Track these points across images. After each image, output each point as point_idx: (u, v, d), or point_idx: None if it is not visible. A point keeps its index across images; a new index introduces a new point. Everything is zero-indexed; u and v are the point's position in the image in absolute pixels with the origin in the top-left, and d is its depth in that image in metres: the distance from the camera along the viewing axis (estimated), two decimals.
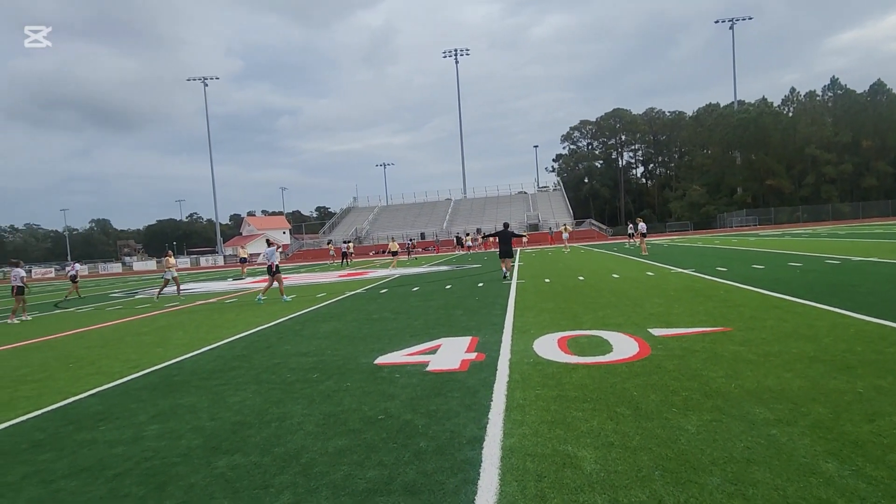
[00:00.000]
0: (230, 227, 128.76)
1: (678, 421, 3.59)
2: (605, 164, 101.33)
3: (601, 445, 3.28)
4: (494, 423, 3.79)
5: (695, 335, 6.14)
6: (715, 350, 5.38)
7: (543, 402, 4.19)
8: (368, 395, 4.76)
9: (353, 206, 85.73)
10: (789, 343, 5.45)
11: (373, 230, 72.45)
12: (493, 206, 76.25)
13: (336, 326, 8.97)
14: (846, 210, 65.76)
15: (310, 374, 5.70)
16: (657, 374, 4.71)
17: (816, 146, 70.59)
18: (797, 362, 4.76)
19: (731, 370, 4.66)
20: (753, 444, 3.14)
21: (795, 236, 29.37)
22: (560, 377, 4.83)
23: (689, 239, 38.91)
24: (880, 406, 3.58)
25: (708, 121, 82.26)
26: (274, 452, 3.57)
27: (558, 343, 6.27)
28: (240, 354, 7.17)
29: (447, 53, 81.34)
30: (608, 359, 5.36)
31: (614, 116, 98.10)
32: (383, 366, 5.85)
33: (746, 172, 75.08)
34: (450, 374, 5.27)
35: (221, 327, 9.95)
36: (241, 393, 5.17)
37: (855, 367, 4.46)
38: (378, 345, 7.06)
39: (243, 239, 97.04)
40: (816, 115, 74.39)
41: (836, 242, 21.58)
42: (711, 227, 68.39)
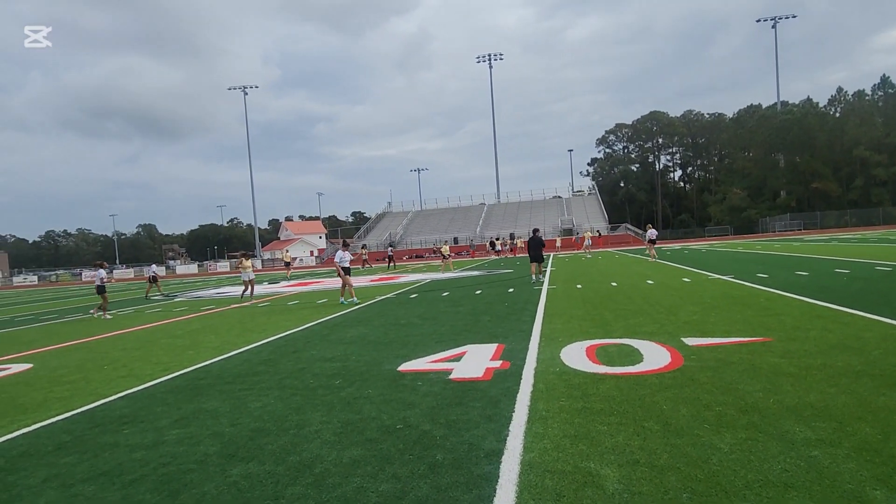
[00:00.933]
0: (268, 231, 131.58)
1: (710, 438, 3.38)
2: (642, 168, 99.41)
3: (626, 463, 3.11)
4: (515, 436, 3.65)
5: (731, 345, 5.86)
6: (753, 362, 5.10)
7: (567, 414, 4.02)
8: (389, 403, 4.68)
9: (387, 211, 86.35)
10: (834, 356, 5.13)
11: (407, 235, 72.80)
12: (527, 211, 75.64)
13: (363, 331, 8.95)
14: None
15: (332, 381, 5.66)
16: (689, 386, 4.49)
17: (866, 147, 67.59)
18: (842, 377, 4.46)
19: (769, 384, 4.39)
20: (792, 467, 2.91)
21: (843, 241, 28.10)
22: (586, 388, 4.65)
23: (728, 244, 37.72)
24: None
25: (749, 122, 79.77)
26: (288, 461, 3.51)
27: (586, 352, 6.08)
28: (266, 359, 7.21)
29: (481, 59, 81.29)
30: (638, 369, 5.14)
31: (651, 119, 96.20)
32: (406, 373, 5.77)
33: (790, 175, 72.50)
34: (472, 382, 5.15)
35: (252, 331, 10.06)
36: (263, 398, 5.16)
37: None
38: (403, 351, 6.99)
39: (281, 243, 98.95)
40: (866, 116, 71.22)
41: (887, 248, 20.53)
42: (753, 232, 66.21)
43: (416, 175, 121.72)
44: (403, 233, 73.96)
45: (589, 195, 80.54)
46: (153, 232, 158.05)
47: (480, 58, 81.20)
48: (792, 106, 74.81)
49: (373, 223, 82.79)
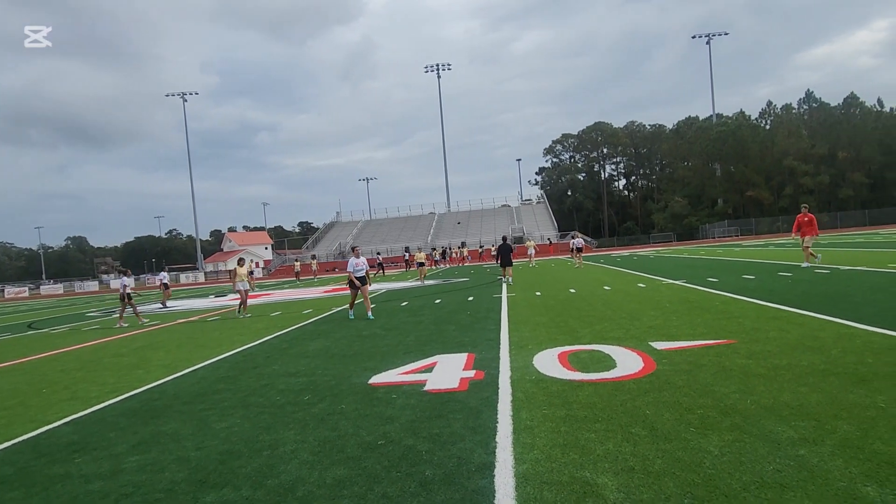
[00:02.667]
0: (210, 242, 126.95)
1: (699, 442, 3.38)
2: (588, 177, 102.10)
3: (621, 471, 3.07)
4: (504, 448, 3.55)
5: (699, 348, 5.98)
6: (723, 364, 5.21)
7: (552, 422, 3.96)
8: (365, 418, 4.49)
9: (336, 221, 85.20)
10: (797, 355, 5.30)
11: (357, 244, 71.98)
12: (478, 220, 76.28)
13: (325, 344, 8.67)
14: (824, 220, 66.49)
15: (301, 397, 5.41)
16: (667, 390, 4.52)
17: (794, 158, 71.81)
18: (809, 376, 4.60)
19: (743, 385, 4.48)
20: (783, 467, 2.94)
21: (779, 246, 29.65)
22: (566, 395, 4.62)
23: (674, 250, 39.14)
24: None
25: (688, 134, 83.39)
26: (267, 485, 3.29)
27: (559, 359, 6.06)
28: (225, 376, 6.85)
29: (429, 68, 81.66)
30: (613, 375, 5.16)
31: (596, 129, 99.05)
32: (378, 386, 5.59)
33: (727, 184, 76.10)
34: (449, 394, 5.02)
35: (205, 347, 9.58)
36: (228, 418, 4.86)
37: (870, 380, 4.31)
38: (371, 363, 6.79)
39: (225, 255, 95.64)
40: (793, 128, 75.77)
41: (820, 252, 21.77)
42: (694, 238, 69.03)
43: (364, 184, 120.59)
44: (353, 242, 73.06)
45: (538, 204, 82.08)
46: (84, 245, 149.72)
47: (428, 67, 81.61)
48: (726, 118, 78.74)
49: (321, 233, 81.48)
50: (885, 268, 12.99)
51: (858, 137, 70.97)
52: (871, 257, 16.63)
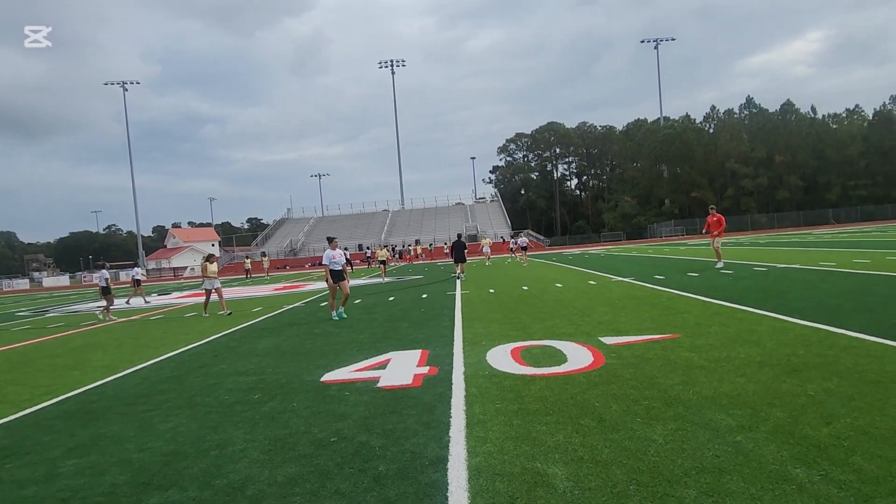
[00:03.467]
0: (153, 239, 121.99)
1: (644, 431, 3.51)
2: (541, 176, 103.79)
3: (571, 461, 3.14)
4: (457, 442, 3.58)
5: (646, 343, 6.19)
6: (668, 357, 5.41)
7: (505, 416, 4.02)
8: (317, 415, 4.43)
9: (287, 218, 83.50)
10: (736, 348, 5.56)
11: (309, 242, 70.76)
12: (432, 218, 76.36)
13: (276, 342, 8.50)
14: (763, 221, 70.28)
15: (250, 395, 5.29)
16: (615, 383, 4.66)
17: (735, 161, 75.20)
18: (747, 367, 4.84)
19: (686, 377, 4.67)
20: (722, 453, 3.09)
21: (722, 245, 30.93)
22: (518, 390, 4.69)
23: (623, 248, 40.30)
24: (833, 408, 3.64)
25: (637, 135, 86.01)
26: (215, 485, 3.20)
27: (511, 354, 6.15)
28: (170, 376, 6.61)
29: (383, 64, 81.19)
30: (564, 369, 5.27)
31: (549, 130, 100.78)
32: (331, 383, 5.52)
33: (673, 185, 78.93)
34: (403, 390, 5.02)
35: (147, 347, 9.23)
36: (172, 419, 4.70)
37: (801, 371, 4.57)
38: (323, 361, 6.70)
39: (168, 251, 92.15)
40: (735, 132, 79.33)
41: (759, 251, 22.89)
42: (643, 237, 71.27)
43: (316, 181, 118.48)
44: (305, 240, 71.84)
45: (492, 202, 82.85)
46: (12, 240, 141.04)
47: (382, 63, 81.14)
48: (673, 121, 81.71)
49: (272, 230, 79.71)
50: (816, 265, 13.77)
51: (794, 142, 74.98)
52: (805, 256, 17.61)
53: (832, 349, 5.20)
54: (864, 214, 67.08)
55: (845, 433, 3.21)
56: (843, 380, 4.22)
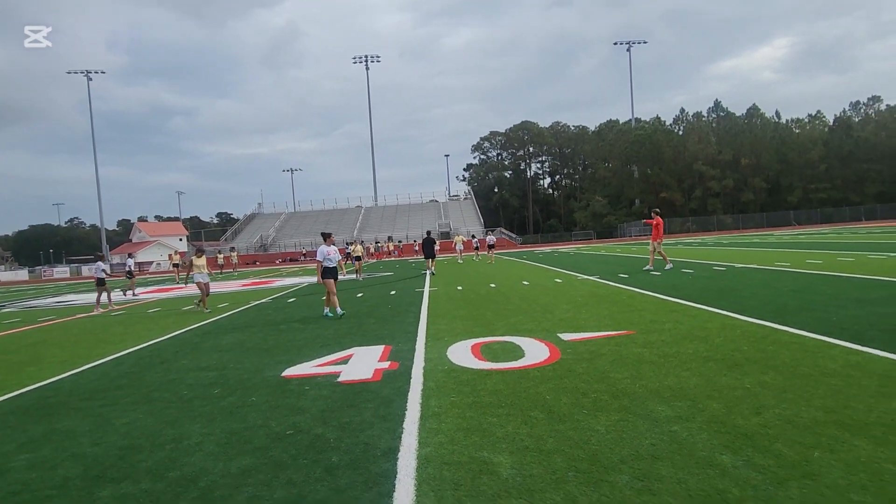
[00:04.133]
0: (118, 233, 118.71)
1: (589, 422, 3.67)
2: (515, 175, 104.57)
3: (517, 450, 3.28)
4: (410, 433, 3.69)
5: (601, 339, 6.39)
6: (620, 353, 5.62)
7: (459, 409, 4.15)
8: (276, 409, 4.49)
9: (258, 212, 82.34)
10: (685, 344, 5.80)
11: (280, 237, 69.98)
12: (405, 214, 76.26)
13: (239, 338, 8.48)
14: (729, 221, 72.17)
15: (210, 390, 5.31)
16: (568, 377, 4.83)
17: (703, 163, 76.97)
18: (692, 362, 5.06)
19: (635, 371, 4.87)
20: (658, 441, 3.27)
21: (687, 245, 31.75)
22: (475, 384, 4.82)
23: (593, 247, 40.97)
24: (765, 400, 3.87)
25: (608, 136, 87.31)
26: (168, 477, 3.24)
27: (472, 350, 6.29)
28: (128, 372, 6.57)
29: (358, 59, 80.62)
30: (521, 364, 5.43)
31: (522, 129, 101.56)
32: (291, 378, 5.57)
33: (643, 185, 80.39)
34: (363, 384, 5.11)
35: (107, 342, 9.10)
36: (129, 414, 4.70)
37: (742, 365, 4.82)
38: (286, 357, 6.74)
39: (133, 246, 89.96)
40: (703, 135, 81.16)
41: (721, 251, 23.57)
42: (613, 237, 72.40)
43: (288, 175, 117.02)
44: (276, 235, 71.00)
45: (465, 200, 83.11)
46: None
47: (357, 59, 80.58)
48: (644, 123, 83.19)
49: (242, 224, 78.49)
50: (772, 265, 14.30)
51: (759, 146, 77.11)
52: (763, 256, 18.22)
53: (773, 345, 5.47)
54: (823, 216, 69.47)
55: (772, 423, 3.43)
56: (778, 373, 4.47)
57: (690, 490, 2.64)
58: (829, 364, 4.63)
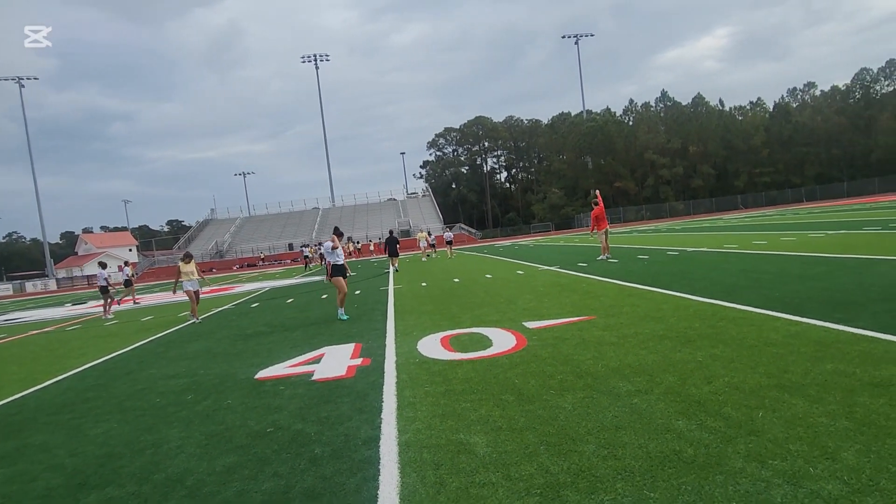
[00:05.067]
0: (62, 246, 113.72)
1: (556, 401, 3.91)
2: (471, 170, 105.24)
3: (491, 430, 3.49)
4: (388, 423, 3.85)
5: (564, 325, 6.68)
6: (583, 336, 5.91)
7: (433, 397, 4.33)
8: (253, 409, 4.57)
9: (211, 218, 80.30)
10: (643, 325, 6.14)
11: (235, 243, 68.52)
12: (364, 214, 75.83)
13: (206, 345, 8.43)
14: (680, 208, 74.74)
15: (183, 397, 5.32)
16: (535, 362, 5.07)
17: (653, 152, 79.41)
18: (650, 341, 5.39)
19: (597, 353, 5.15)
20: (620, 413, 3.53)
21: (642, 233, 32.83)
22: (446, 373, 5.01)
23: (552, 239, 41.79)
24: (715, 370, 4.19)
25: (561, 128, 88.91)
26: (153, 480, 3.31)
27: (441, 342, 6.48)
28: (95, 384, 6.48)
29: (306, 58, 79.33)
30: (489, 353, 5.65)
31: (477, 124, 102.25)
32: (265, 380, 5.64)
33: (597, 176, 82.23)
34: (337, 381, 5.23)
35: (66, 357, 8.88)
36: (103, 424, 4.69)
37: (695, 341, 5.16)
38: (256, 360, 6.77)
39: (80, 259, 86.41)
40: (652, 124, 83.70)
41: (673, 236, 24.49)
42: (571, 227, 73.96)
43: (241, 179, 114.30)
44: (231, 241, 69.47)
45: (423, 197, 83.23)
46: None
47: (305, 58, 79.26)
48: (595, 114, 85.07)
49: (195, 231, 76.38)
50: (721, 248, 15.02)
51: (705, 133, 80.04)
52: (713, 240, 19.06)
53: (722, 321, 5.86)
54: (768, 199, 72.72)
55: (722, 390, 3.74)
56: (727, 346, 4.83)
57: (650, 453, 2.90)
58: (771, 335, 5.02)
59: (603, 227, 15.52)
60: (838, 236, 14.99)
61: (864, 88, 79.02)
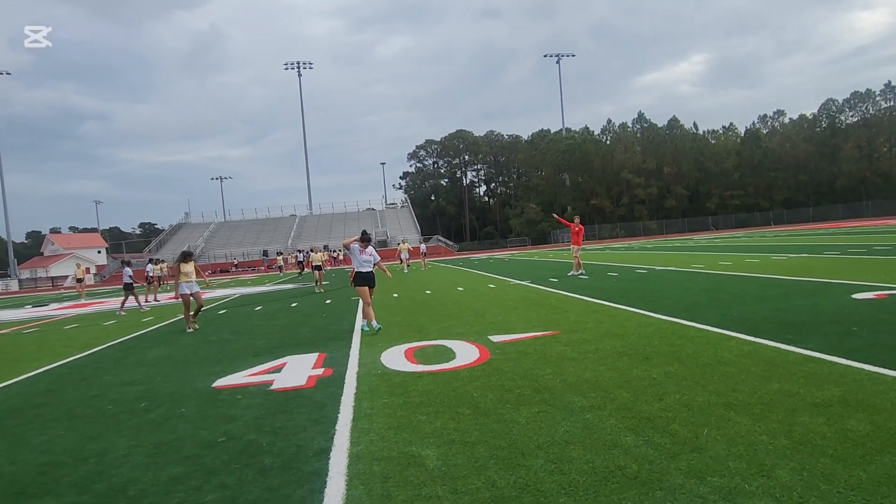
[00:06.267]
0: (27, 246, 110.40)
1: (511, 415, 3.93)
2: (451, 183, 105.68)
3: (443, 443, 3.49)
4: (341, 434, 3.82)
5: (528, 339, 6.73)
6: (545, 351, 5.95)
7: (390, 409, 4.31)
8: (206, 419, 4.49)
9: (184, 222, 78.97)
10: (604, 341, 6.22)
11: (209, 248, 67.45)
12: (341, 223, 75.39)
13: (167, 351, 8.26)
14: (654, 227, 76.12)
15: (136, 404, 5.20)
16: (495, 375, 5.10)
17: (629, 171, 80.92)
18: (609, 357, 5.46)
19: (557, 368, 5.20)
20: (571, 429, 3.56)
21: (615, 250, 33.27)
22: (406, 385, 5.00)
23: (528, 253, 42.08)
24: (668, 388, 4.27)
25: (541, 145, 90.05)
26: (95, 489, 3.22)
27: (405, 354, 6.46)
28: (46, 389, 6.29)
29: (289, 65, 79.16)
30: (451, 365, 5.66)
31: (458, 137, 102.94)
32: (223, 388, 5.54)
33: (574, 193, 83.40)
34: (296, 391, 5.17)
35: (19, 361, 8.61)
36: (48, 431, 4.55)
37: (652, 358, 5.25)
38: (217, 368, 6.65)
39: (46, 259, 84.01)
40: (628, 144, 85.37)
41: (644, 255, 24.90)
42: (547, 243, 74.61)
43: (217, 184, 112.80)
44: (205, 245, 68.37)
45: (402, 208, 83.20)
46: None
47: (289, 65, 79.11)
48: (574, 132, 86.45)
49: (167, 235, 74.98)
50: (688, 268, 15.32)
51: (679, 155, 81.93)
52: (681, 259, 19.44)
53: (681, 339, 5.97)
54: (738, 221, 74.51)
55: (672, 407, 3.81)
56: (682, 364, 4.92)
57: (596, 468, 2.94)
58: (725, 354, 5.14)
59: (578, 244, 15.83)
60: (799, 259, 15.43)
61: (831, 118, 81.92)
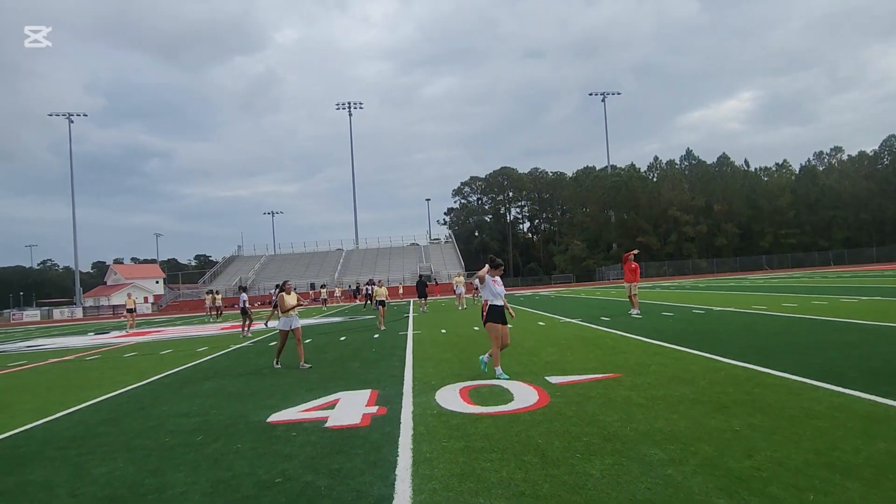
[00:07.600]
0: (92, 275, 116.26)
1: (583, 466, 3.66)
2: (495, 219, 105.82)
3: (512, 496, 3.24)
4: (403, 480, 3.62)
5: (589, 382, 6.41)
6: (609, 395, 5.63)
7: (451, 454, 4.10)
8: (262, 456, 4.38)
9: (237, 255, 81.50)
10: (672, 387, 5.84)
11: (259, 280, 69.15)
12: (386, 257, 76.20)
13: (221, 383, 8.29)
14: (703, 265, 73.60)
15: (193, 437, 5.16)
16: (558, 420, 4.82)
17: (677, 208, 79.08)
18: (680, 404, 5.10)
19: (624, 414, 4.88)
20: (653, 485, 3.26)
21: (665, 289, 32.19)
22: (465, 428, 4.78)
23: (573, 290, 41.26)
24: (755, 442, 3.90)
25: (586, 182, 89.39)
26: None
27: (460, 394, 6.24)
28: (106, 418, 6.35)
29: (341, 106, 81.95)
30: (511, 408, 5.40)
31: (502, 174, 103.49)
32: (277, 424, 5.45)
33: (620, 230, 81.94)
34: (351, 429, 5.02)
35: (82, 388, 8.81)
36: (108, 463, 4.53)
37: (729, 407, 4.86)
38: (271, 401, 6.60)
39: (108, 289, 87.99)
40: (676, 181, 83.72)
41: (698, 294, 23.94)
42: (592, 280, 73.12)
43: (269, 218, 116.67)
44: (256, 277, 70.15)
45: (446, 243, 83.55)
46: None
47: (340, 105, 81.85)
48: (619, 169, 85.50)
49: (221, 267, 77.43)
50: (749, 309, 14.56)
51: (730, 192, 79.65)
52: (740, 299, 18.55)
53: (758, 387, 5.54)
54: (794, 261, 71.24)
55: (764, 465, 3.46)
56: (765, 416, 4.53)
57: None
58: (814, 406, 4.71)
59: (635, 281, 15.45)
60: (872, 302, 14.44)
61: (893, 154, 78.29)
